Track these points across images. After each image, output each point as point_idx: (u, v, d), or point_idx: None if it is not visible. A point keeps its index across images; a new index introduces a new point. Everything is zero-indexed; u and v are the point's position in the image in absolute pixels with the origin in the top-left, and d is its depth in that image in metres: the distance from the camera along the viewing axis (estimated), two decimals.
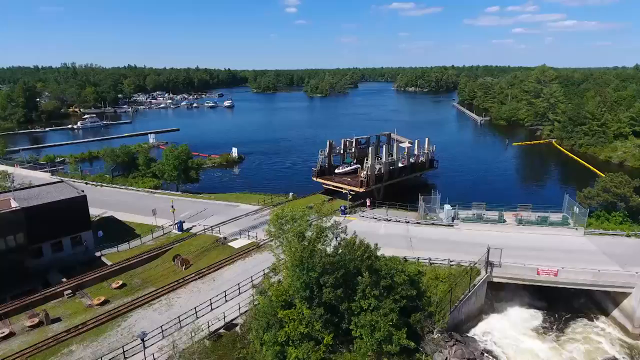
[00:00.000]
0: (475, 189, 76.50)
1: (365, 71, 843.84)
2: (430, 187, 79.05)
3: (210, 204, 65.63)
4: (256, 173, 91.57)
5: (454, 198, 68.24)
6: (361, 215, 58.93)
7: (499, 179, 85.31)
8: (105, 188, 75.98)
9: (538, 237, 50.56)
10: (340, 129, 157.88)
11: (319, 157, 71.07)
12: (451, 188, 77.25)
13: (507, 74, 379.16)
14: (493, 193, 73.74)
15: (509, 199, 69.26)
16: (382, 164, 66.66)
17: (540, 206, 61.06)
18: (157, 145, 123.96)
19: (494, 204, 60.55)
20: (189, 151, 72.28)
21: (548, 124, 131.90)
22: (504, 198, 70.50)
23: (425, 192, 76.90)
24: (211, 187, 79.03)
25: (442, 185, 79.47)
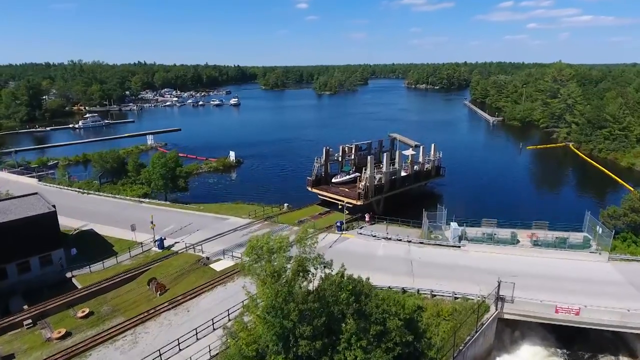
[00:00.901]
0: (485, 200, 70.74)
1: (376, 67, 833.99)
2: (436, 197, 73.75)
3: (198, 217, 61.12)
4: (253, 179, 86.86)
5: (461, 212, 62.89)
6: (359, 232, 53.84)
7: (512, 188, 79.31)
8: (91, 196, 72.04)
9: (556, 262, 44.89)
10: (345, 130, 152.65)
11: (314, 165, 66.01)
12: (459, 198, 71.74)
13: (521, 71, 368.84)
14: (505, 205, 68.04)
15: (523, 213, 63.60)
16: (383, 174, 61.35)
17: (557, 222, 55.36)
18: (155, 146, 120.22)
19: (506, 220, 55.13)
20: (178, 158, 67.93)
21: (565, 126, 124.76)
22: (518, 211, 64.84)
23: (431, 202, 71.83)
24: (203, 195, 74.63)
25: (449, 195, 74.04)
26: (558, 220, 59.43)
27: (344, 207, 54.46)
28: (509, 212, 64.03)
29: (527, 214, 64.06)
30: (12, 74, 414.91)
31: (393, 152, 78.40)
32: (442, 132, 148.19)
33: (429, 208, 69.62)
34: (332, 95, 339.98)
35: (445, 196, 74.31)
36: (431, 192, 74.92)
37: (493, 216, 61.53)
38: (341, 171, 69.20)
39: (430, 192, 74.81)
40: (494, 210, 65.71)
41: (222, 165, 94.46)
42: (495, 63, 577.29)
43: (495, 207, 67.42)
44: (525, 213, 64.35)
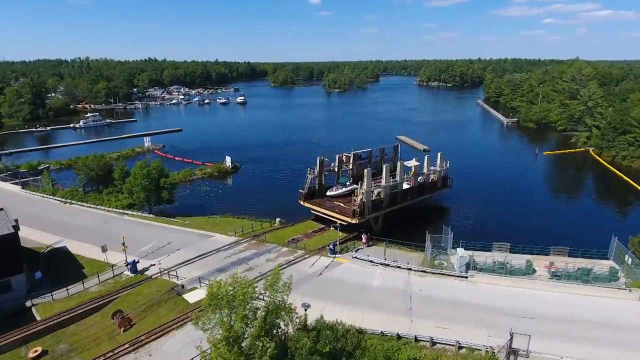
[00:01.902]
0: (497, 216, 64.55)
1: (388, 64, 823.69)
2: (441, 211, 67.87)
3: (181, 233, 56.25)
4: (248, 187, 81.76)
5: (470, 230, 57.13)
6: (354, 255, 48.31)
7: (527, 202, 72.75)
8: (74, 206, 67.78)
9: (578, 300, 38.84)
10: (351, 131, 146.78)
11: (306, 176, 60.41)
12: (467, 213, 65.70)
13: (537, 68, 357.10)
14: (519, 222, 61.77)
15: (539, 233, 57.46)
16: (382, 188, 55.56)
17: (579, 244, 49.35)
18: (153, 149, 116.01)
19: (520, 244, 49.14)
20: (163, 168, 63.09)
21: (584, 130, 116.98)
22: (533, 230, 58.71)
23: (436, 218, 65.82)
24: (192, 206, 69.83)
25: (456, 209, 68.01)
26: (579, 241, 53.29)
27: (337, 226, 48.96)
28: (524, 231, 57.97)
29: (544, 233, 57.97)
30: (23, 70, 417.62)
31: (397, 159, 72.71)
32: (453, 134, 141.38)
33: (433, 224, 63.96)
34: (342, 93, 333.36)
35: (453, 210, 68.30)
36: (437, 206, 68.88)
37: (505, 236, 55.68)
38: (337, 183, 63.52)
39: (435, 205, 68.75)
40: (506, 228, 59.75)
41: (217, 171, 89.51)
42: (510, 59, 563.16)
43: (508, 225, 61.32)
44: (542, 232, 58.25)
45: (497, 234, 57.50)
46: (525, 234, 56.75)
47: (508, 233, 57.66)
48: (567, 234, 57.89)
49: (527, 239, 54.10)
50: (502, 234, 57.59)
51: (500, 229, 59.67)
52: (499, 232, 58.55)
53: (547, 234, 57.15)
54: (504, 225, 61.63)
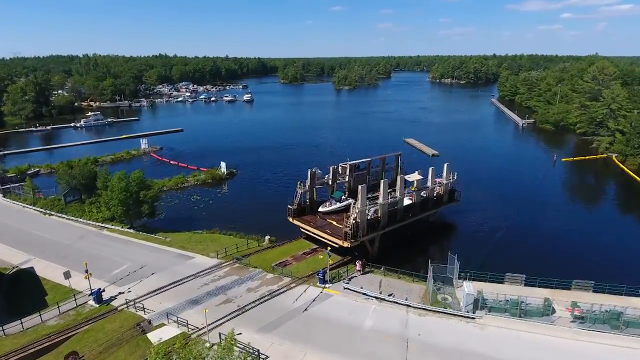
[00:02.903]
0: (509, 236, 58.08)
1: (401, 60, 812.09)
2: (447, 229, 61.88)
3: (159, 253, 51.36)
4: (242, 196, 76.51)
5: (478, 254, 51.04)
6: (346, 286, 42.73)
7: (544, 217, 65.92)
8: (53, 218, 63.64)
9: (607, 354, 32.74)
10: (358, 132, 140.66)
11: (296, 191, 54.72)
12: (476, 232, 59.41)
13: (554, 65, 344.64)
14: (535, 245, 55.29)
15: (558, 259, 51.10)
16: (379, 206, 49.70)
17: (605, 274, 43.25)
18: (149, 151, 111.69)
19: (535, 272, 43.19)
20: (144, 179, 58.08)
21: (607, 134, 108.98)
22: (551, 255, 52.32)
23: (440, 237, 59.54)
24: (178, 218, 64.86)
25: (464, 227, 61.79)
26: (606, 270, 47.02)
27: (329, 253, 43.39)
28: (540, 256, 51.71)
29: (564, 258, 51.64)
30: (34, 67, 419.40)
31: (399, 169, 66.66)
32: (464, 136, 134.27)
33: (437, 244, 58.17)
34: (352, 90, 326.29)
35: (460, 227, 62.11)
36: (442, 222, 62.61)
37: (519, 259, 49.96)
38: (331, 197, 57.55)
39: (441, 222, 62.44)
40: (520, 251, 53.57)
41: (211, 177, 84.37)
42: (526, 56, 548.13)
43: (522, 246, 55.01)
44: (562, 257, 51.90)
45: (510, 257, 51.64)
46: (542, 259, 50.55)
47: (522, 256, 51.67)
48: (591, 258, 51.48)
49: (544, 266, 48.12)
50: (515, 257, 51.74)
51: (513, 251, 53.50)
52: (511, 255, 52.52)
53: (567, 260, 50.82)
54: (518, 246, 55.34)
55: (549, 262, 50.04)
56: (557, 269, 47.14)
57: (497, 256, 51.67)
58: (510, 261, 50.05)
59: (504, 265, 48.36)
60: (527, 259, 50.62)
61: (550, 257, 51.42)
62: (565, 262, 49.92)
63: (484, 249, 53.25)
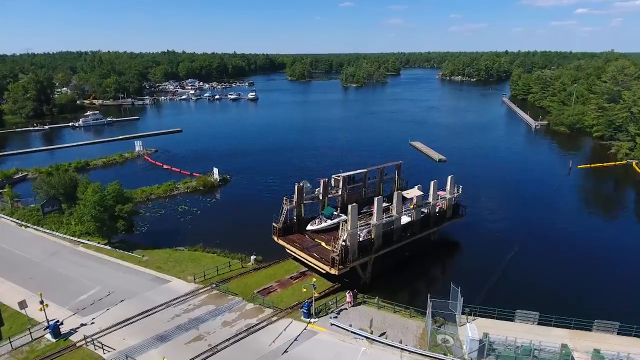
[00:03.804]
0: (520, 259, 52.55)
1: (411, 56, 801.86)
2: (451, 249, 56.64)
3: (133, 275, 46.98)
4: (233, 206, 71.79)
5: (484, 282, 45.74)
6: (332, 321, 37.83)
7: (559, 237, 59.87)
8: (28, 230, 59.76)
9: None
10: (361, 133, 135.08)
11: (282, 207, 49.66)
12: (483, 253, 53.98)
13: (568, 62, 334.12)
14: (550, 270, 49.68)
15: (577, 291, 45.55)
16: (373, 227, 44.57)
17: (633, 312, 37.86)
18: (143, 154, 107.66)
19: (551, 306, 37.95)
20: (121, 192, 53.61)
21: (627, 139, 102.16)
22: (569, 284, 46.80)
23: (443, 259, 54.30)
24: (161, 232, 60.39)
25: (469, 246, 56.45)
26: (634, 305, 41.44)
27: (314, 285, 38.46)
28: (556, 285, 46.30)
29: (585, 287, 46.06)
30: (42, 63, 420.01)
31: (399, 181, 61.39)
32: (474, 139, 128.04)
33: (439, 267, 53.08)
34: (359, 88, 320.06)
35: (465, 248, 56.68)
36: (445, 241, 56.94)
37: (532, 292, 44.44)
38: (321, 214, 52.35)
39: (443, 241, 56.77)
40: (533, 279, 48.04)
41: (203, 184, 79.81)
42: (539, 52, 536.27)
43: (535, 273, 49.42)
44: (581, 286, 46.29)
45: (521, 285, 46.23)
46: (558, 288, 45.16)
47: (535, 284, 46.23)
48: (615, 290, 45.64)
49: (560, 297, 42.86)
50: (526, 284, 46.33)
51: (525, 278, 48.01)
52: (522, 282, 46.99)
53: (587, 291, 45.18)
54: (529, 271, 49.83)
55: (566, 291, 44.63)
56: (576, 302, 41.91)
57: (507, 283, 46.39)
58: (522, 289, 44.82)
59: (514, 295, 43.37)
60: (540, 288, 45.27)
61: (568, 286, 45.89)
62: (586, 294, 44.42)
63: (491, 273, 47.88)
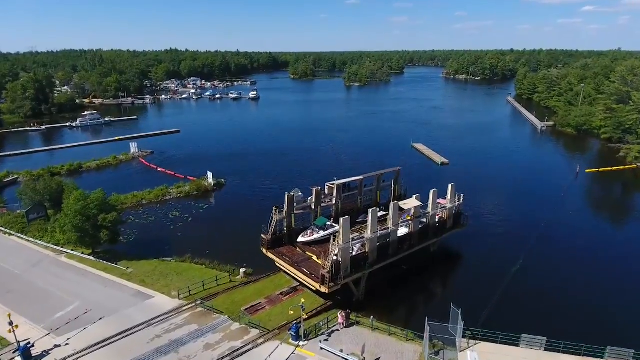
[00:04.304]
0: (526, 274, 49.64)
1: (415, 54, 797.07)
2: (451, 261, 53.81)
3: (115, 290, 44.55)
4: (226, 213, 69.08)
5: (486, 299, 42.91)
6: (322, 345, 35.17)
7: (568, 248, 56.83)
8: (12, 239, 57.47)
9: None
10: (362, 135, 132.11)
11: (271, 217, 46.87)
12: (486, 266, 51.09)
13: (574, 60, 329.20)
14: (557, 287, 46.74)
15: (587, 312, 42.61)
16: (367, 240, 41.80)
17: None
18: (138, 156, 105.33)
19: (558, 330, 35.21)
20: (105, 200, 51.14)
21: (636, 142, 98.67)
22: (578, 305, 43.84)
23: (442, 273, 51.34)
24: (149, 241, 57.87)
25: (470, 258, 53.60)
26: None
27: (301, 306, 35.80)
28: (564, 304, 43.36)
29: (595, 309, 43.00)
30: (44, 61, 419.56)
31: (398, 188, 58.56)
32: (478, 141, 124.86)
33: (438, 281, 50.23)
34: (362, 87, 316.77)
35: (466, 260, 53.83)
36: (445, 253, 54.02)
37: (538, 311, 41.64)
38: (313, 224, 49.37)
39: (443, 252, 53.88)
40: (539, 295, 45.14)
41: (197, 189, 77.37)
42: (544, 51, 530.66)
43: (542, 289, 46.53)
44: (593, 306, 43.26)
45: (526, 305, 43.25)
46: (567, 310, 42.25)
47: (541, 301, 43.34)
48: (631, 311, 42.57)
49: (569, 321, 39.99)
50: (532, 301, 43.43)
51: (530, 295, 45.12)
52: (529, 302, 43.95)
53: (600, 314, 42.17)
54: (535, 287, 46.95)
55: (576, 313, 41.79)
56: (587, 325, 39.22)
57: (511, 302, 43.44)
58: (527, 310, 42.07)
59: (519, 317, 40.61)
60: (547, 308, 42.38)
61: (578, 307, 42.90)
62: (598, 316, 41.39)
63: (494, 290, 44.99)
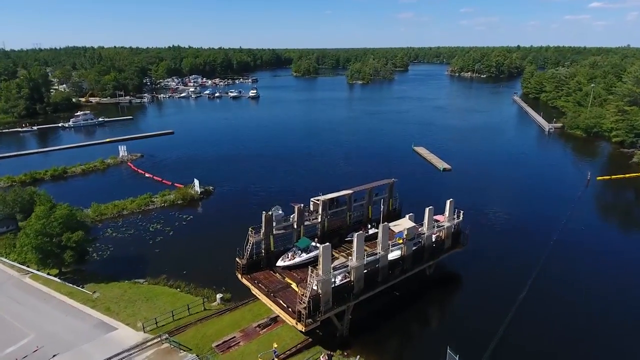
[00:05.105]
0: (532, 301, 44.85)
1: (420, 51, 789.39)
2: (450, 283, 49.12)
3: (75, 319, 40.34)
4: (210, 226, 64.28)
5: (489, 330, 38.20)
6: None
7: (580, 270, 51.78)
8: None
9: None
10: (361, 137, 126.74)
11: (247, 239, 42.00)
12: (488, 291, 46.34)
13: (582, 58, 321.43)
14: (568, 319, 41.96)
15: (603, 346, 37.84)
16: (353, 269, 37.11)
17: None
18: (127, 160, 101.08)
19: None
20: (72, 215, 46.81)
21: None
22: (592, 338, 39.04)
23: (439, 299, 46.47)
24: (123, 258, 53.60)
25: (471, 283, 48.88)
26: None
27: (274, 351, 31.35)
28: (575, 336, 38.58)
29: (613, 347, 38.26)
30: (45, 59, 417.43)
31: (392, 201, 53.76)
32: (482, 144, 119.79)
33: (434, 309, 45.55)
34: (365, 85, 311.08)
35: (466, 284, 49.06)
36: (443, 276, 49.23)
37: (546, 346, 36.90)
38: (294, 246, 44.80)
39: (441, 275, 49.04)
40: (548, 327, 40.37)
41: (182, 197, 72.99)
42: (552, 47, 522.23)
43: (550, 319, 41.80)
44: (608, 346, 38.49)
45: (533, 343, 38.47)
46: (579, 349, 37.45)
47: (551, 342, 38.53)
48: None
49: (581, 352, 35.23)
50: (541, 342, 38.58)
51: (539, 333, 40.34)
52: (535, 340, 39.12)
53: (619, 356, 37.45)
54: (545, 322, 42.17)
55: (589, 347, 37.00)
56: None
57: (516, 337, 38.71)
58: (535, 346, 37.25)
59: (525, 356, 35.78)
60: (559, 344, 37.63)
61: (593, 346, 38.15)
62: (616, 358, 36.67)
63: (497, 324, 40.25)
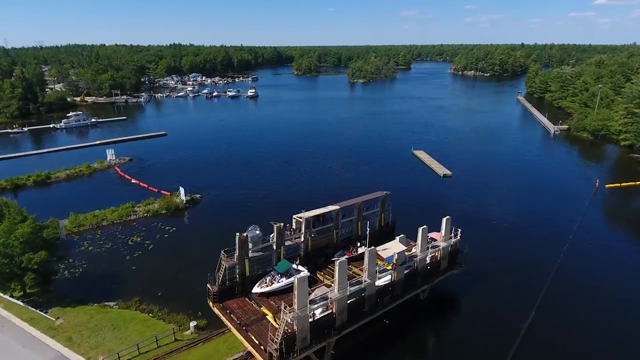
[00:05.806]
0: (538, 329, 40.74)
1: (423, 49, 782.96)
2: (447, 309, 45.00)
3: (32, 353, 36.50)
4: (193, 239, 59.87)
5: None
6: None
7: (591, 296, 47.29)
8: None
9: None
10: (360, 141, 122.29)
11: (220, 263, 37.32)
12: (488, 323, 42.20)
13: (588, 56, 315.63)
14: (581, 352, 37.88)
15: None
16: (334, 301, 33.02)
17: None
18: (115, 164, 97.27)
19: None
20: (35, 233, 42.92)
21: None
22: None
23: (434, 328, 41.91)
24: (96, 277, 49.93)
25: (470, 310, 44.78)
26: None
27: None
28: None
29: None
30: (45, 57, 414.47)
31: (384, 216, 49.50)
32: (485, 148, 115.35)
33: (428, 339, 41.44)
34: (366, 84, 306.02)
35: (463, 312, 44.95)
36: (438, 301, 44.90)
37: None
38: (273, 269, 40.00)
39: (436, 300, 44.70)
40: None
41: (166, 207, 69.07)
42: (556, 45, 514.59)
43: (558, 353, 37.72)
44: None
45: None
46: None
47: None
48: None
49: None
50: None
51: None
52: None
53: None
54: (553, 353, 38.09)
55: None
56: None
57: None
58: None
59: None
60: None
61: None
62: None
63: (500, 354, 36.23)
